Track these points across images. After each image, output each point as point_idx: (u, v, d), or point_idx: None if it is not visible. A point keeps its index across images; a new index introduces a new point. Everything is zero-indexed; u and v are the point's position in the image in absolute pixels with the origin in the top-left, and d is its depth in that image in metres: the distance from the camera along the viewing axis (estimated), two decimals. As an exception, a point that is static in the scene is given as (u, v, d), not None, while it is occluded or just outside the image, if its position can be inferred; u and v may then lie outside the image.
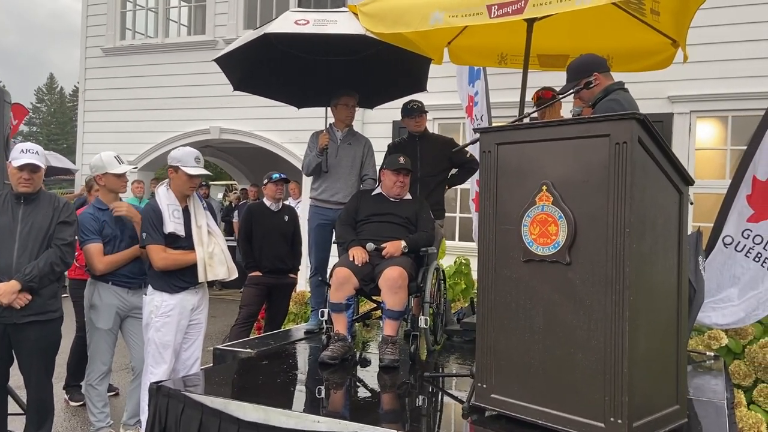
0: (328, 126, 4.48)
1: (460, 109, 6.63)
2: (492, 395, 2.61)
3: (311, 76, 4.69)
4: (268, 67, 4.53)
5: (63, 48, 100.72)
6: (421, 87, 4.60)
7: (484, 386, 2.64)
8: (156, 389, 2.97)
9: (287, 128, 9.23)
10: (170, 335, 3.58)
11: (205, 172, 3.71)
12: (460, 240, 8.14)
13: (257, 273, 5.28)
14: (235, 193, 15.02)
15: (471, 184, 5.82)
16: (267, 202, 5.52)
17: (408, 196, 4.05)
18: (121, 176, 3.82)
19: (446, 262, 5.75)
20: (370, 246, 3.70)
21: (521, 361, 2.54)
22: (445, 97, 7.34)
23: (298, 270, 5.62)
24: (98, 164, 3.85)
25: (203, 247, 3.62)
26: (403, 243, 3.73)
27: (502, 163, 2.64)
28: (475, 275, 5.85)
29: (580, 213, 2.38)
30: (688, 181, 2.59)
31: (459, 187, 8.54)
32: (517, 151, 2.59)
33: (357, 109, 4.62)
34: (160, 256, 3.54)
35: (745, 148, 4.53)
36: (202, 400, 2.81)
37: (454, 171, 4.69)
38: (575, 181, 2.40)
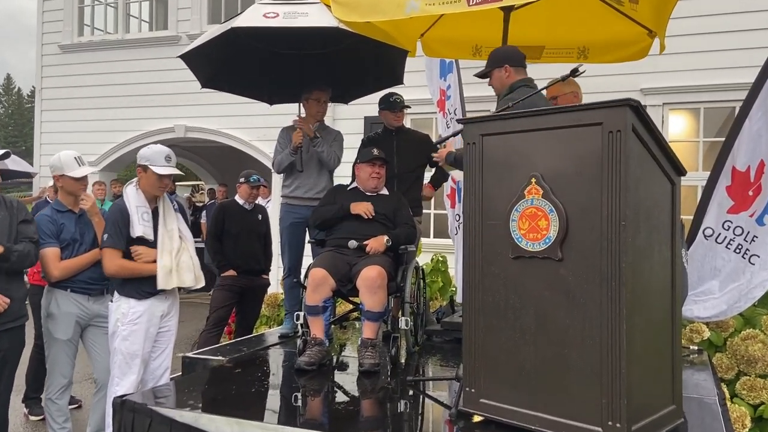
0: (298, 119, 4.26)
1: (431, 104, 6.50)
2: (481, 400, 2.48)
3: (283, 71, 4.48)
4: (237, 62, 4.32)
5: (19, 48, 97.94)
6: (398, 80, 4.44)
7: (473, 390, 2.51)
8: (120, 404, 2.76)
9: (255, 125, 8.99)
10: (138, 344, 3.36)
11: (176, 171, 3.49)
12: (435, 237, 8.02)
13: (232, 272, 5.05)
14: (202, 192, 14.67)
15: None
16: (239, 200, 5.31)
17: (385, 191, 3.90)
18: (80, 179, 3.58)
19: (423, 259, 5.61)
20: (353, 243, 3.54)
21: (512, 363, 2.40)
22: (415, 92, 7.19)
23: (269, 271, 5.42)
24: (56, 164, 3.60)
25: (171, 253, 3.41)
26: (385, 237, 3.58)
27: (488, 155, 2.50)
28: (452, 272, 5.75)
29: (572, 206, 2.26)
30: (681, 171, 2.50)
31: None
32: (503, 142, 2.46)
33: (329, 104, 4.45)
34: (115, 262, 3.32)
35: (719, 139, 4.50)
36: (171, 414, 2.61)
37: (431, 171, 4.54)
38: (567, 173, 2.28)
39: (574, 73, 2.83)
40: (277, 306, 5.61)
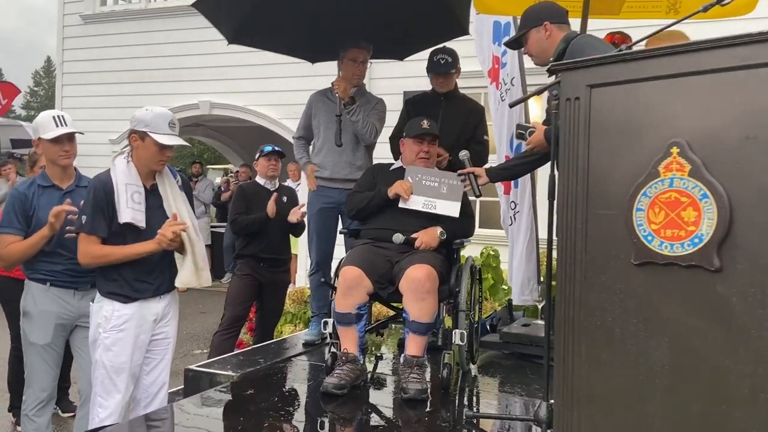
0: (331, 87, 3.52)
1: (479, 77, 5.70)
2: (582, 464, 1.74)
3: (324, 21, 3.64)
4: (268, 10, 3.57)
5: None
6: (463, 30, 3.67)
7: (568, 449, 1.77)
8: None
9: (285, 101, 8.29)
10: (124, 355, 2.70)
11: (181, 141, 2.78)
12: (482, 227, 7.19)
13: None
14: (232, 175, 14.07)
15: (498, 163, 4.90)
16: (260, 180, 4.60)
17: (433, 168, 3.15)
18: (59, 142, 2.91)
19: (469, 252, 4.86)
20: (398, 237, 2.83)
21: (632, 417, 1.65)
22: (462, 64, 6.41)
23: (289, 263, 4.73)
24: (34, 126, 2.96)
25: (192, 245, 2.74)
26: (439, 229, 2.86)
27: (599, 114, 1.74)
28: (504, 267, 4.98)
29: (740, 189, 1.49)
30: None
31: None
32: (625, 94, 1.69)
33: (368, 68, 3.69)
34: (91, 251, 2.64)
35: None
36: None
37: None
38: (730, 139, 1.51)
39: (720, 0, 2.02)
40: (303, 302, 4.92)
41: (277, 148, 4.56)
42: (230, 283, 4.48)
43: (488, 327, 3.78)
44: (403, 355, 2.72)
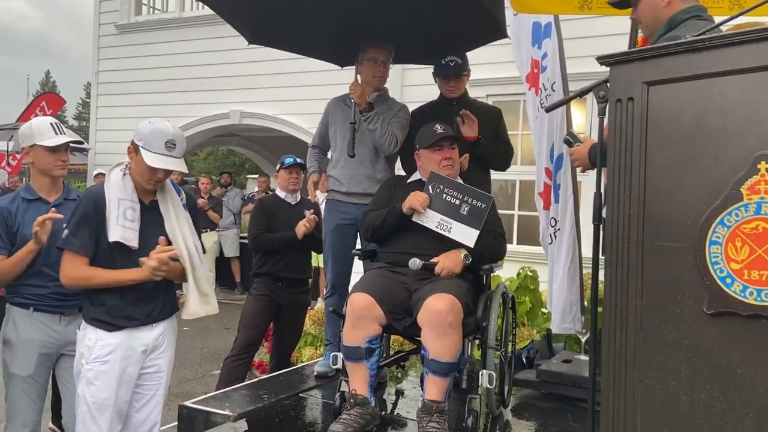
0: (348, 94, 3.19)
1: (516, 83, 5.30)
2: None
3: (353, 24, 3.29)
4: (291, 8, 3.25)
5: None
6: (501, 31, 3.31)
7: None
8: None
9: (315, 110, 8.00)
10: (108, 391, 2.40)
11: (176, 167, 2.42)
12: (520, 243, 6.76)
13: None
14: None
15: (537, 175, 4.48)
16: (281, 193, 4.29)
17: (459, 181, 2.78)
18: (57, 151, 2.65)
19: (505, 272, 4.44)
20: (415, 263, 2.46)
21: None
22: (497, 70, 6.04)
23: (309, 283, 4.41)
24: (25, 132, 2.69)
25: (192, 270, 2.46)
26: (462, 252, 2.49)
27: (659, 119, 1.37)
28: (544, 287, 4.56)
29: None
30: None
31: (519, 178, 7.25)
32: (694, 93, 1.32)
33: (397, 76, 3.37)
34: (73, 271, 2.36)
35: None
36: None
37: None
38: None
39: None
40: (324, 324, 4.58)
41: (298, 160, 4.25)
42: (245, 303, 4.17)
43: (524, 360, 3.39)
44: (421, 399, 2.35)
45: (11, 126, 9.88)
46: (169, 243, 2.43)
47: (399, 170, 3.35)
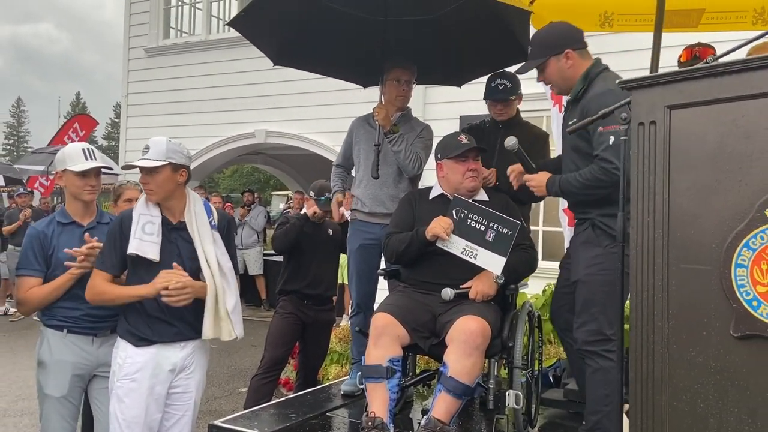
0: (371, 114, 3.24)
1: (541, 99, 5.31)
2: None
3: (376, 45, 3.32)
4: (314, 30, 3.33)
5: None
6: (523, 52, 3.33)
7: None
8: None
9: (339, 129, 8.10)
10: (137, 408, 2.46)
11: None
12: (544, 259, 6.70)
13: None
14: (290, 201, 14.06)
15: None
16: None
17: (483, 195, 2.77)
18: (86, 176, 2.73)
19: (530, 289, 4.41)
20: (447, 293, 2.45)
21: None
22: (522, 85, 6.04)
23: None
24: (59, 157, 2.80)
25: (215, 290, 2.51)
26: (495, 273, 2.48)
27: (682, 142, 1.38)
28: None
29: None
30: None
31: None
32: (716, 117, 1.32)
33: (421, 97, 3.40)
34: (93, 286, 2.48)
35: None
36: None
37: None
38: None
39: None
40: (350, 341, 4.60)
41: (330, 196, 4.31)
42: (272, 321, 4.22)
43: (551, 378, 3.36)
44: (426, 416, 2.34)
45: (51, 150, 10.22)
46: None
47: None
